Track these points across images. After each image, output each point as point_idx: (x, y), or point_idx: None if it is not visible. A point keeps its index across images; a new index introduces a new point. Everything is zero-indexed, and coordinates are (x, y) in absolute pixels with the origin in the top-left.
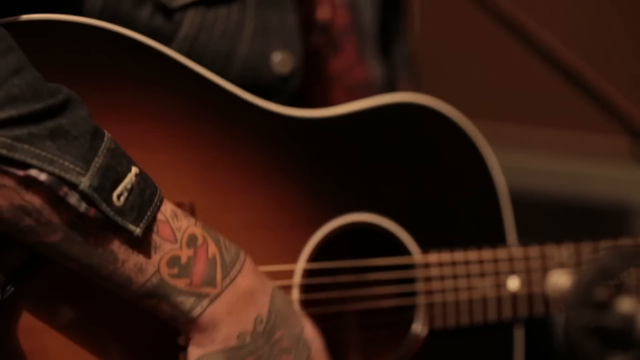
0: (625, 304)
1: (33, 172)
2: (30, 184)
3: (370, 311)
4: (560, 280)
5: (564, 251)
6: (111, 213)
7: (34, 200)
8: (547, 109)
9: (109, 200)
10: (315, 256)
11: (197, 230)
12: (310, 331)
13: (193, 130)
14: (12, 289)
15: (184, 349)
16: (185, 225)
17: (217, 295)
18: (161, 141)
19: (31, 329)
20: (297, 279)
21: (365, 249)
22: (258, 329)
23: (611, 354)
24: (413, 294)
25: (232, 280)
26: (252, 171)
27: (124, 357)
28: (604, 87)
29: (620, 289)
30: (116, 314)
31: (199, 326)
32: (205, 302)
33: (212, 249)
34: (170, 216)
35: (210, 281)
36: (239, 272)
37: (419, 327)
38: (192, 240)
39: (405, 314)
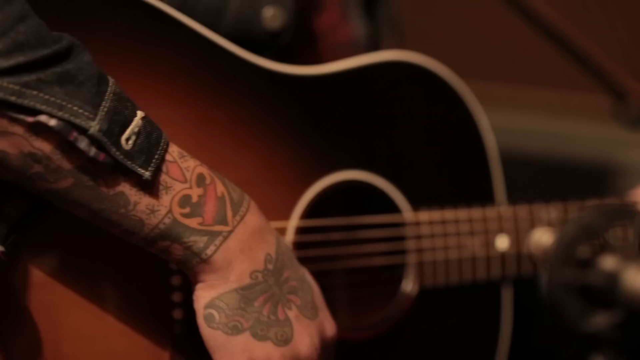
0: (609, 262)
1: (43, 118)
2: (39, 130)
3: (360, 269)
4: (543, 237)
5: (552, 211)
6: (120, 157)
7: (43, 146)
8: (532, 67)
9: (118, 144)
10: (307, 214)
11: (204, 170)
12: (309, 275)
13: (186, 87)
14: (15, 239)
15: (177, 289)
16: (192, 165)
17: (229, 233)
18: (154, 98)
19: (36, 283)
20: (289, 236)
21: (357, 206)
22: (269, 267)
23: (594, 312)
24: (403, 252)
25: (242, 218)
26: (244, 128)
27: (122, 304)
28: (589, 47)
29: (604, 248)
30: (115, 263)
31: (212, 266)
32: (218, 240)
33: (220, 187)
34: (178, 156)
35: (222, 219)
36: (247, 210)
37: (409, 286)
38: (201, 179)
39: (396, 273)
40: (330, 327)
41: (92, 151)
